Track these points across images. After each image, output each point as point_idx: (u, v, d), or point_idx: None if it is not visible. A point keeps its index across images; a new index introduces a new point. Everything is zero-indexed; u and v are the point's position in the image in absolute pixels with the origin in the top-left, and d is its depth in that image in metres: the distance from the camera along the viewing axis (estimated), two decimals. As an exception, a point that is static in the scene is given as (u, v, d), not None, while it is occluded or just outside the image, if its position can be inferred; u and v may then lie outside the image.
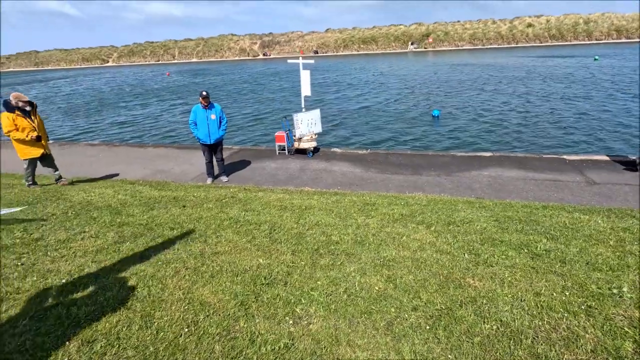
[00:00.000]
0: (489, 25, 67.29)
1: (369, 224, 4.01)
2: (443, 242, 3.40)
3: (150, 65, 72.36)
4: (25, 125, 5.80)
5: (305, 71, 8.51)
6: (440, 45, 66.65)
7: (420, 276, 2.75)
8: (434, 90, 20.33)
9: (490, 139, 10.74)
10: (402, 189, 6.33)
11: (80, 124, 16.98)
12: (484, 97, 17.57)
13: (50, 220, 4.21)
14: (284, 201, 5.14)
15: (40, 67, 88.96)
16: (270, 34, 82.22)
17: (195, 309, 2.37)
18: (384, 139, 11.36)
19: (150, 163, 8.59)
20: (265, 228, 3.87)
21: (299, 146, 8.58)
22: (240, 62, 66.67)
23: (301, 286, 2.65)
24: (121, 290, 2.59)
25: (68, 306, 2.40)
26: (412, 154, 8.56)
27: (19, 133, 5.75)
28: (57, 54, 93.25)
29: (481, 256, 3.07)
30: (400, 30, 71.79)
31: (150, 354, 1.98)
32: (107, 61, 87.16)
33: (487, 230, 3.71)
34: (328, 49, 72.65)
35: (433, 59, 46.21)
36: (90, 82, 40.69)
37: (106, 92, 29.86)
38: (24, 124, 5.78)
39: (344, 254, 3.19)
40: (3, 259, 3.12)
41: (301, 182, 6.87)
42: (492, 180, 6.55)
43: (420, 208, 4.67)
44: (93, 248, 3.35)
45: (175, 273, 2.85)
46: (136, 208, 4.73)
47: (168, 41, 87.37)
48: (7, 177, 7.46)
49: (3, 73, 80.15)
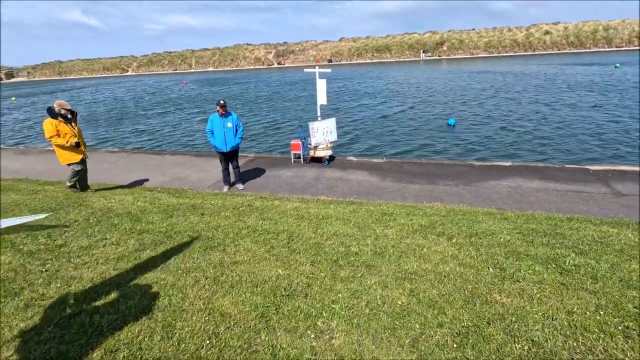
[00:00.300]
0: (505, 33, 66.67)
1: (387, 234, 3.95)
2: (466, 255, 3.31)
3: (168, 75, 74.19)
4: (67, 131, 5.99)
5: (322, 80, 8.55)
6: (455, 53, 66.32)
7: (444, 290, 2.67)
8: (449, 99, 20.15)
9: (509, 149, 10.53)
10: (419, 198, 6.24)
11: (100, 132, 17.46)
12: (502, 105, 17.30)
13: (73, 226, 4.29)
14: (301, 210, 5.12)
15: (64, 77, 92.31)
16: (285, 44, 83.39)
17: (216, 320, 2.35)
18: (399, 148, 11.27)
19: (168, 170, 8.73)
20: (283, 237, 3.85)
21: (314, 154, 8.58)
22: (255, 71, 67.69)
23: (322, 298, 2.61)
24: (142, 299, 2.60)
25: (91, 314, 2.42)
26: (428, 163, 8.45)
27: (60, 139, 5.93)
28: (80, 64, 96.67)
29: (507, 270, 2.97)
30: (414, 39, 71.80)
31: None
32: (127, 70, 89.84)
33: (511, 243, 3.60)
34: (342, 57, 73.16)
35: (448, 67, 45.95)
36: (111, 91, 41.91)
37: (126, 100, 30.68)
38: (65, 130, 5.97)
39: (364, 266, 3.14)
40: (28, 264, 3.18)
41: (317, 191, 6.85)
42: (512, 191, 6.39)
43: (440, 219, 4.57)
44: (114, 255, 3.38)
45: (195, 282, 2.85)
46: (155, 215, 4.78)
47: (185, 51, 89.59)
48: (31, 182, 7.68)
49: (30, 82, 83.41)
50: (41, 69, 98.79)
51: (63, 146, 6.04)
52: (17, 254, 3.41)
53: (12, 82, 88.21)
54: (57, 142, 5.95)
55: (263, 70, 68.42)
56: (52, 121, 5.88)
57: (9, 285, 2.81)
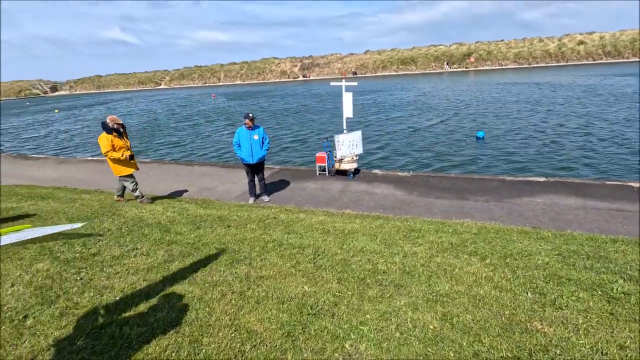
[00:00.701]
0: (535, 44, 64.74)
1: (416, 252, 3.82)
2: (501, 278, 3.14)
3: (198, 88, 77.00)
4: (121, 145, 6.26)
5: (348, 93, 8.56)
6: (483, 64, 64.97)
7: (479, 316, 2.53)
8: (479, 111, 19.65)
9: (543, 163, 10.08)
10: (448, 214, 6.04)
11: (134, 143, 18.23)
12: (535, 117, 16.67)
13: (106, 235, 4.43)
14: (326, 224, 5.07)
15: (102, 90, 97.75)
16: (310, 57, 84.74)
17: (242, 338, 2.32)
18: (426, 161, 11.05)
19: (197, 181, 8.94)
20: (309, 252, 3.81)
21: (339, 167, 8.55)
22: (281, 83, 69.05)
23: (349, 319, 2.53)
24: (170, 312, 2.62)
25: (121, 325, 2.45)
26: (457, 177, 8.21)
27: (115, 153, 6.18)
28: (117, 78, 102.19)
29: (547, 296, 2.78)
30: (441, 51, 71.05)
31: (198, 383, 1.95)
32: (160, 84, 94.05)
33: (550, 265, 3.38)
34: (366, 70, 73.41)
35: (476, 78, 45.04)
36: (145, 104, 43.90)
37: (158, 112, 32.01)
38: (119, 144, 6.23)
39: (393, 285, 3.03)
40: (64, 272, 3.29)
41: (342, 204, 6.79)
42: (548, 208, 6.07)
43: (471, 237, 4.39)
44: (144, 266, 3.45)
45: (222, 296, 2.85)
46: (184, 226, 4.87)
47: (215, 65, 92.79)
48: (69, 191, 8.07)
49: (71, 95, 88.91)
50: (82, 83, 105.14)
51: (118, 159, 6.27)
52: (54, 261, 3.54)
53: (56, 96, 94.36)
54: (113, 156, 6.18)
55: (289, 83, 69.70)
56: (107, 136, 6.13)
57: (46, 293, 2.91)
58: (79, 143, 19.58)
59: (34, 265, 3.43)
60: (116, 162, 6.33)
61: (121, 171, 6.44)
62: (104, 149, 6.14)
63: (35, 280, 3.12)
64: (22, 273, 3.26)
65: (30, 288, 2.99)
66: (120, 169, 6.42)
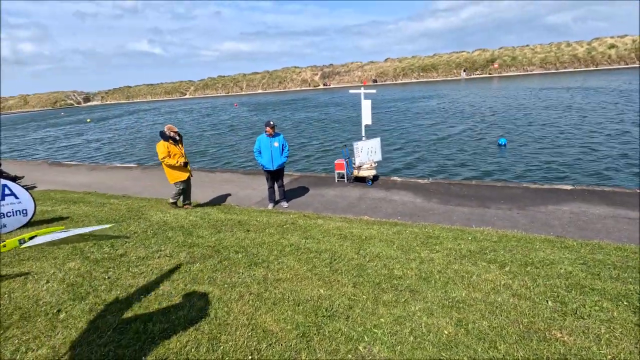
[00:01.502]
0: (563, 48, 62.71)
1: (433, 259, 3.80)
2: (520, 286, 3.08)
3: (221, 97, 79.07)
4: (176, 152, 6.56)
5: (367, 101, 8.62)
6: (507, 70, 63.50)
7: (495, 323, 2.49)
8: (504, 117, 19.21)
9: (572, 171, 9.74)
10: (468, 222, 5.95)
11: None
12: (564, 122, 16.13)
13: (133, 237, 4.64)
14: (344, 230, 5.11)
15: (131, 100, 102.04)
16: (331, 65, 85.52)
17: (258, 336, 2.39)
18: (446, 168, 10.90)
19: (218, 187, 9.19)
20: (325, 257, 3.86)
21: (358, 174, 8.58)
22: (301, 92, 69.94)
23: (363, 322, 2.55)
24: (191, 311, 2.72)
25: (145, 322, 2.58)
26: (478, 185, 8.07)
27: (171, 159, 6.47)
28: (145, 89, 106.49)
29: (568, 305, 2.71)
30: (463, 57, 70.07)
31: (216, 378, 2.02)
32: (185, 94, 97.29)
33: (573, 274, 3.28)
34: (387, 77, 73.28)
35: (500, 84, 44.07)
36: (170, 113, 45.48)
37: (185, 122, 33.09)
38: (175, 151, 6.54)
39: (408, 291, 3.03)
40: (94, 271, 3.48)
41: (360, 211, 6.80)
42: (575, 217, 5.87)
43: (491, 244, 4.31)
44: (167, 267, 3.60)
45: (240, 297, 2.93)
46: (205, 230, 5.03)
47: (237, 75, 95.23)
48: (99, 196, 8.48)
49: (103, 105, 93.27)
50: (112, 93, 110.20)
51: (173, 166, 6.54)
52: (85, 261, 3.75)
53: (88, 106, 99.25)
54: (169, 162, 6.45)
55: (309, 91, 70.47)
56: (164, 143, 6.44)
57: (77, 290, 3.09)
58: (108, 151, 20.50)
59: (66, 264, 3.65)
60: (171, 168, 6.58)
61: (176, 177, 6.68)
62: (161, 155, 6.42)
63: (67, 278, 3.32)
64: (56, 271, 3.48)
65: (63, 285, 3.18)
66: (175, 175, 6.66)
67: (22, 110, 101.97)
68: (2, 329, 2.51)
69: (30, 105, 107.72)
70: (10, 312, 2.74)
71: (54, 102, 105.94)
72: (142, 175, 11.44)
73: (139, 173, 11.80)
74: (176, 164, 6.52)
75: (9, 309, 2.79)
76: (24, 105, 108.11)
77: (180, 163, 6.55)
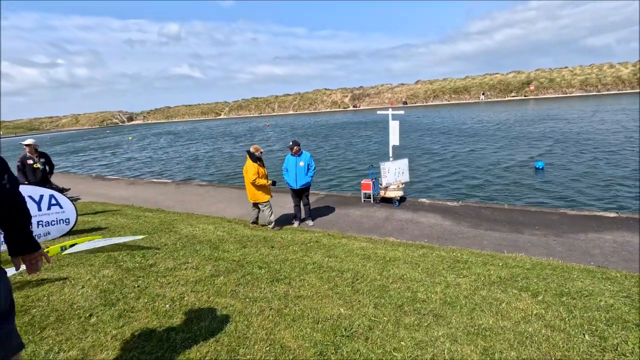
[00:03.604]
0: (605, 70, 59.93)
1: (460, 283, 3.65)
2: (554, 316, 2.89)
3: (254, 118, 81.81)
4: (263, 172, 6.74)
5: (395, 122, 8.64)
6: (544, 92, 61.35)
7: (525, 354, 2.35)
8: (540, 140, 18.46)
9: (613, 198, 9.13)
10: (499, 247, 5.69)
11: (195, 168, 19.74)
12: (608, 146, 15.24)
13: (163, 249, 4.83)
14: (368, 250, 5.04)
15: (170, 120, 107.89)
16: (361, 87, 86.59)
17: (275, 352, 2.39)
18: (476, 191, 10.55)
19: (246, 203, 9.38)
20: (347, 276, 3.82)
21: (384, 195, 8.50)
22: (331, 113, 71.01)
23: (383, 344, 2.49)
24: (212, 322, 2.78)
25: (168, 330, 2.65)
26: (511, 209, 7.73)
27: (262, 180, 6.62)
28: (183, 109, 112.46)
29: (608, 340, 2.50)
30: (497, 79, 68.67)
31: (232, 390, 2.03)
32: (220, 114, 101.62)
33: (615, 308, 3.04)
34: (417, 99, 72.99)
35: (536, 106, 42.60)
36: (208, 134, 47.52)
37: (222, 141, 34.43)
38: (262, 172, 6.72)
39: (431, 315, 2.93)
40: (125, 279, 3.65)
41: (386, 232, 6.70)
42: (619, 247, 5.47)
43: (524, 272, 4.10)
44: (193, 278, 3.70)
45: (260, 312, 2.96)
46: (231, 245, 5.15)
47: (270, 96, 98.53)
48: (136, 209, 8.92)
49: (144, 124, 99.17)
50: (154, 113, 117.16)
51: (262, 186, 6.64)
52: (118, 269, 3.94)
53: (131, 125, 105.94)
54: (260, 182, 6.57)
55: (339, 112, 71.43)
56: (254, 164, 6.54)
57: (109, 296, 3.24)
58: (147, 167, 21.62)
59: (100, 271, 3.84)
60: (259, 189, 6.63)
61: (262, 197, 6.70)
62: (253, 176, 6.45)
63: (100, 284, 3.50)
64: (90, 277, 3.67)
65: (97, 291, 3.35)
66: (261, 196, 6.70)
67: (74, 128, 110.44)
68: (39, 329, 2.68)
69: (80, 123, 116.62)
70: (47, 313, 2.92)
71: (101, 121, 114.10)
72: (176, 190, 11.95)
73: (173, 189, 12.32)
74: (267, 184, 6.63)
75: (47, 310, 2.97)
76: (75, 124, 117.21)
77: (270, 183, 6.68)
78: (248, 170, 6.54)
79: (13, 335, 1.30)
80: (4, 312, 1.27)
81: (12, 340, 1.29)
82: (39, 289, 3.39)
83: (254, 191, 6.67)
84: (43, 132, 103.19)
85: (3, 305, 1.27)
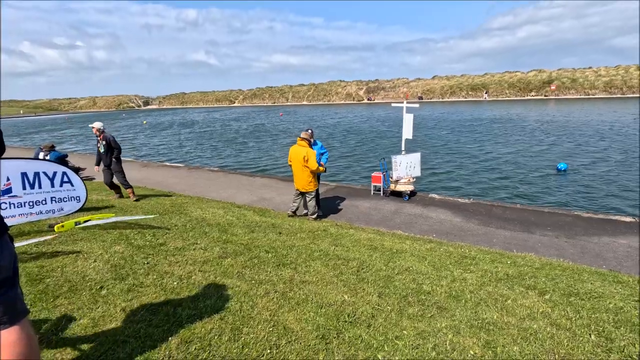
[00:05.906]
0: (632, 72, 57.77)
1: (466, 278, 3.63)
2: (561, 315, 2.85)
3: (267, 107, 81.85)
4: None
5: (409, 115, 8.53)
6: (566, 93, 59.59)
7: (528, 350, 2.33)
8: (565, 140, 18.00)
9: (631, 202, 8.88)
10: (509, 246, 5.62)
11: (205, 154, 19.93)
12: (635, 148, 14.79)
13: (173, 229, 4.92)
14: (375, 241, 5.04)
15: (185, 106, 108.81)
16: (377, 81, 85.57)
17: (278, 333, 2.43)
18: (490, 190, 10.40)
19: (256, 191, 9.47)
20: (353, 265, 3.83)
21: (395, 188, 8.45)
22: (345, 105, 70.52)
23: (385, 332, 2.50)
24: (218, 301, 2.83)
25: (175, 306, 2.71)
26: (524, 209, 7.61)
27: (321, 167, 6.61)
28: (197, 96, 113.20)
29: (615, 342, 2.46)
30: (516, 77, 66.92)
31: (234, 366, 2.08)
32: (234, 102, 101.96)
33: (624, 311, 2.98)
34: (433, 95, 71.80)
35: (558, 107, 41.49)
36: (222, 121, 47.81)
37: (236, 129, 34.63)
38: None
39: (435, 307, 2.92)
40: (135, 256, 3.73)
41: (394, 225, 6.68)
42: (633, 252, 5.34)
43: (532, 271, 4.04)
44: (201, 259, 3.77)
45: (265, 294, 3.00)
46: (240, 229, 5.21)
47: (284, 86, 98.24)
48: (148, 190, 9.07)
49: (159, 109, 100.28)
50: (169, 98, 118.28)
51: (317, 172, 6.55)
52: (129, 246, 4.03)
53: (147, 109, 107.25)
54: (321, 169, 6.57)
55: (353, 105, 70.88)
56: (314, 151, 6.49)
57: (119, 271, 3.33)
58: (158, 150, 21.93)
59: (112, 247, 3.94)
60: (313, 177, 6.52)
61: (312, 186, 6.57)
62: (315, 163, 6.38)
63: (112, 259, 3.59)
64: (103, 252, 3.77)
65: (108, 265, 3.45)
66: (313, 185, 6.56)
67: (90, 110, 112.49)
68: (52, 298, 2.77)
69: (98, 106, 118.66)
70: (60, 283, 3.02)
71: (118, 104, 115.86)
72: (188, 174, 12.10)
73: (185, 172, 12.49)
74: (324, 171, 6.60)
75: (60, 280, 3.07)
76: (92, 106, 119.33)
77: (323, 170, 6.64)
78: (309, 157, 6.26)
79: (18, 300, 1.34)
80: (8, 278, 1.31)
81: (17, 306, 1.33)
82: (53, 260, 3.50)
83: (308, 180, 6.46)
84: (62, 113, 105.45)
85: (7, 271, 1.30)
